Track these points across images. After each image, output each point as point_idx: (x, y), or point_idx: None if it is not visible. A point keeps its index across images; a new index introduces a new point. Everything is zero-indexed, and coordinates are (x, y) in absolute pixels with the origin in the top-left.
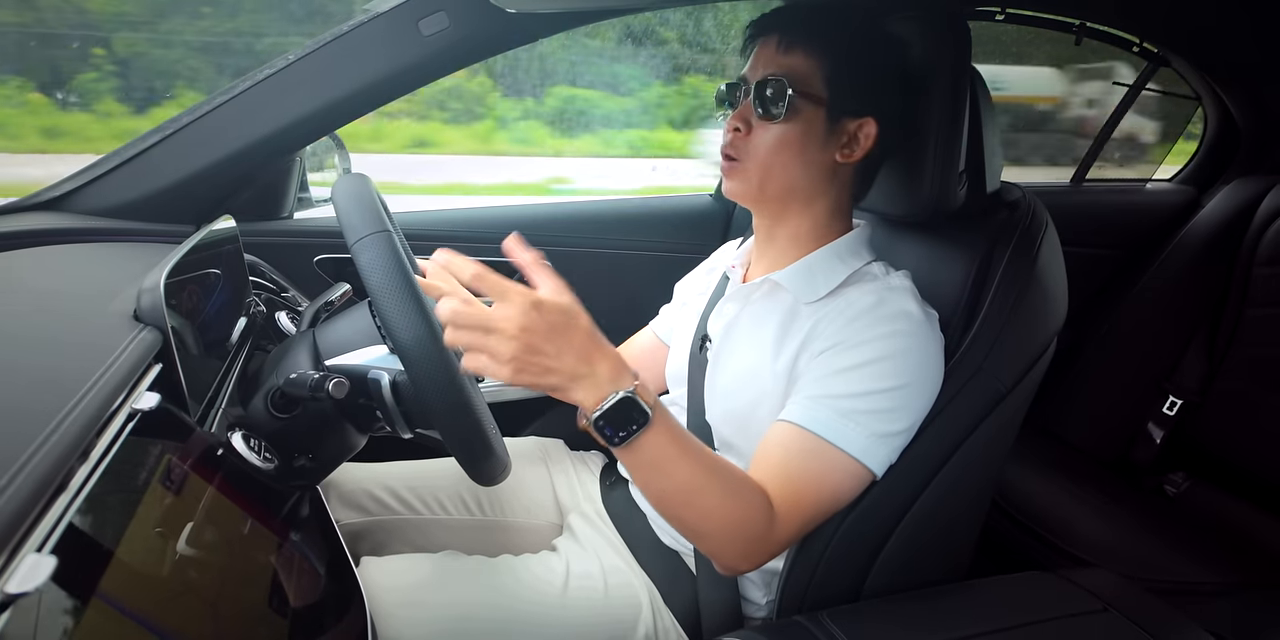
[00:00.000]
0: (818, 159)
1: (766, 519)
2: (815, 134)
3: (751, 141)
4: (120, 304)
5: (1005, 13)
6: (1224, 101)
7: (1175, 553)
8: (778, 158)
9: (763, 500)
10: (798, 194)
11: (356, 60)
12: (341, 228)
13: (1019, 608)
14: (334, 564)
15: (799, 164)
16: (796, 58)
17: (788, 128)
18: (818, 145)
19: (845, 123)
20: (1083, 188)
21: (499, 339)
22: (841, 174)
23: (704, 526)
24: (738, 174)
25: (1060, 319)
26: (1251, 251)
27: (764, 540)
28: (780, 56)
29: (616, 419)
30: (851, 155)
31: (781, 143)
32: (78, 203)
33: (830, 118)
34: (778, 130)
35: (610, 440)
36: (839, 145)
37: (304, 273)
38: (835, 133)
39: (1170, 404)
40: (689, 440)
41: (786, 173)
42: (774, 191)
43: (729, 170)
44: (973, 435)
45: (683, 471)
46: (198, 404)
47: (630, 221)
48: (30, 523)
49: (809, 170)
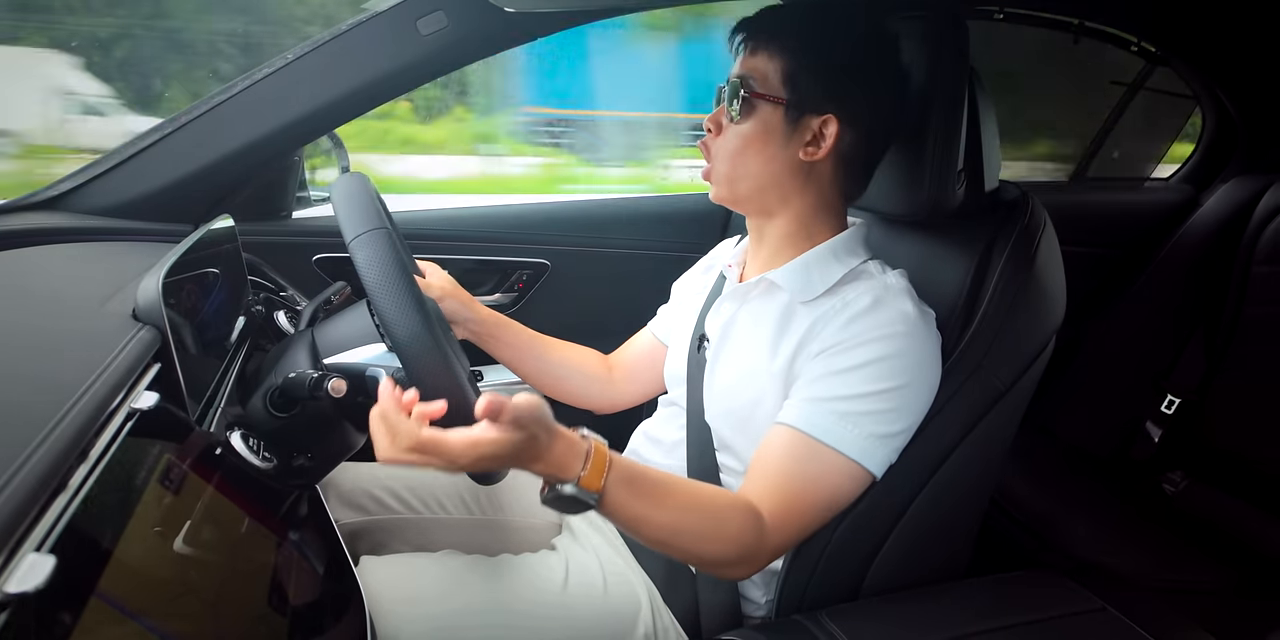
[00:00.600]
0: (780, 156)
1: (754, 533)
2: (775, 133)
3: (719, 142)
4: (119, 303)
5: (1004, 12)
6: (1222, 100)
7: (1173, 551)
8: (739, 157)
9: (746, 516)
10: (770, 192)
11: (355, 59)
12: (339, 225)
13: (1018, 606)
14: (333, 563)
15: (761, 162)
16: (759, 58)
17: (746, 127)
18: (779, 143)
19: (807, 120)
20: (1081, 186)
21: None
22: (817, 171)
23: (692, 554)
24: (710, 176)
25: (1059, 318)
26: (1250, 250)
27: (758, 549)
28: (747, 58)
29: (563, 506)
30: (816, 153)
31: (742, 142)
32: (76, 202)
33: (789, 116)
34: (737, 130)
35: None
36: (802, 143)
37: (303, 272)
38: (798, 131)
39: (1169, 403)
40: (653, 496)
41: (750, 172)
42: (745, 191)
43: (705, 173)
44: (971, 434)
45: (652, 529)
46: (196, 403)
47: (629, 220)
48: (29, 522)
49: (773, 167)
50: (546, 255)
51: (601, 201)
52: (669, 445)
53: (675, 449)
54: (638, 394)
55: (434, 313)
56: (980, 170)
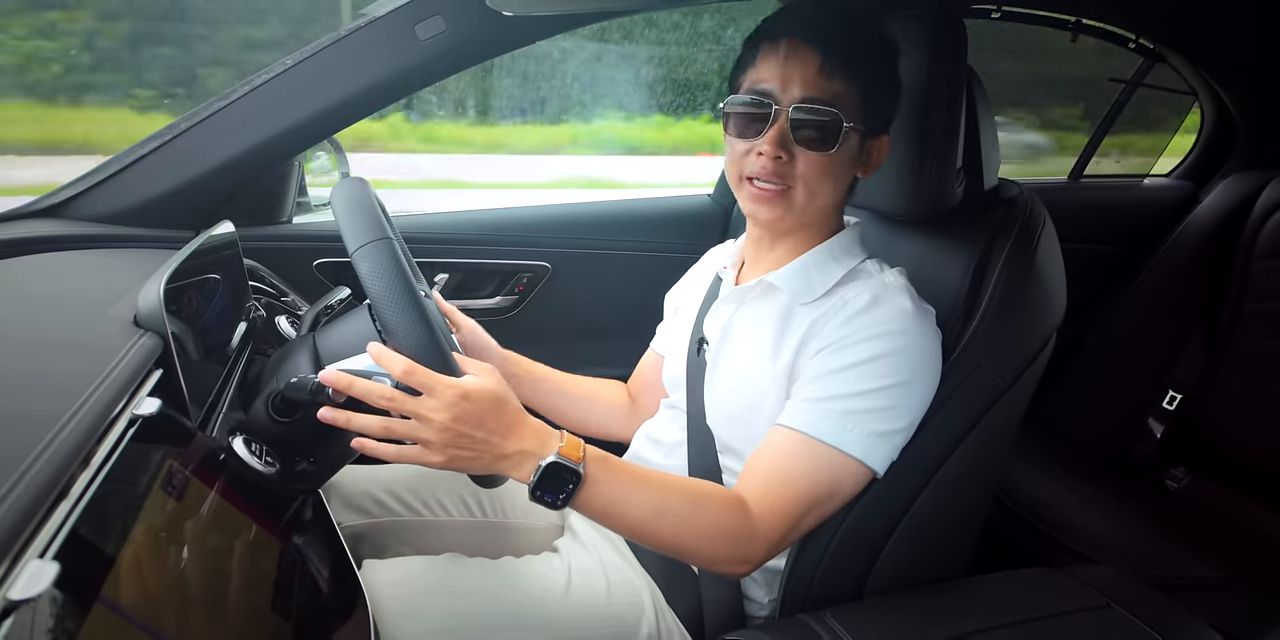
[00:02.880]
0: (846, 177)
1: (740, 519)
2: (853, 158)
3: (798, 169)
4: (120, 310)
5: (1001, 11)
6: (1221, 97)
7: (1177, 548)
8: (822, 185)
9: (728, 501)
10: (826, 212)
11: (354, 65)
12: (342, 235)
13: (1022, 604)
14: (336, 567)
15: (836, 187)
16: (838, 84)
17: (838, 157)
18: (850, 167)
19: (871, 142)
20: (1080, 184)
21: (431, 430)
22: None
23: (681, 544)
24: (782, 201)
25: (1059, 315)
26: (1250, 245)
27: (749, 539)
28: (823, 80)
29: (550, 484)
30: (867, 171)
31: (828, 171)
32: (77, 209)
33: (863, 142)
34: (827, 160)
35: (553, 505)
36: (862, 163)
37: (304, 277)
38: (863, 152)
39: (1170, 399)
40: (634, 475)
41: (828, 197)
42: (812, 215)
43: (771, 197)
44: (973, 432)
45: (636, 508)
46: (198, 409)
47: (629, 222)
48: (32, 529)
49: (840, 188)
50: (547, 258)
51: (601, 204)
52: (669, 446)
53: (675, 450)
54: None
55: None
56: (979, 168)
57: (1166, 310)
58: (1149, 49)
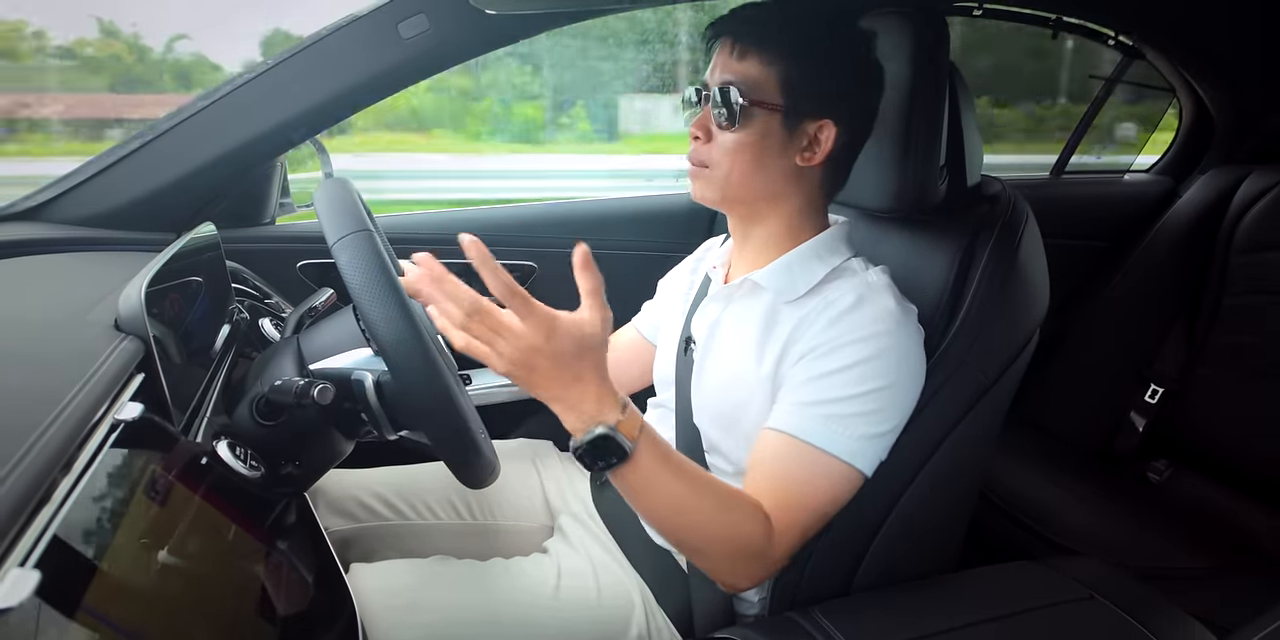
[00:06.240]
0: (777, 163)
1: (764, 535)
2: (772, 140)
3: (712, 148)
4: (100, 314)
5: (983, 7)
6: (1198, 93)
7: (1159, 539)
8: (736, 164)
9: (759, 516)
10: (762, 197)
11: (336, 64)
12: (323, 231)
13: (1008, 597)
14: (323, 571)
15: (758, 169)
16: (750, 64)
17: (743, 135)
18: (776, 150)
19: (804, 126)
20: (1062, 180)
21: (505, 346)
22: (808, 175)
23: (697, 541)
24: (701, 179)
25: (1042, 311)
26: (1229, 240)
27: (762, 557)
28: (735, 62)
29: (595, 452)
30: (812, 158)
31: (739, 149)
32: (55, 212)
33: (787, 123)
34: (734, 137)
35: (589, 468)
36: (799, 148)
37: (287, 279)
38: (794, 137)
39: (1152, 392)
40: (678, 467)
41: (747, 178)
42: (738, 195)
43: (694, 175)
44: (957, 428)
45: (666, 497)
46: (182, 413)
47: (615, 221)
48: (13, 537)
49: (769, 174)
50: (533, 258)
51: (587, 202)
52: None
53: None
54: (622, 390)
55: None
56: (962, 165)
57: (1148, 304)
58: (1128, 46)
